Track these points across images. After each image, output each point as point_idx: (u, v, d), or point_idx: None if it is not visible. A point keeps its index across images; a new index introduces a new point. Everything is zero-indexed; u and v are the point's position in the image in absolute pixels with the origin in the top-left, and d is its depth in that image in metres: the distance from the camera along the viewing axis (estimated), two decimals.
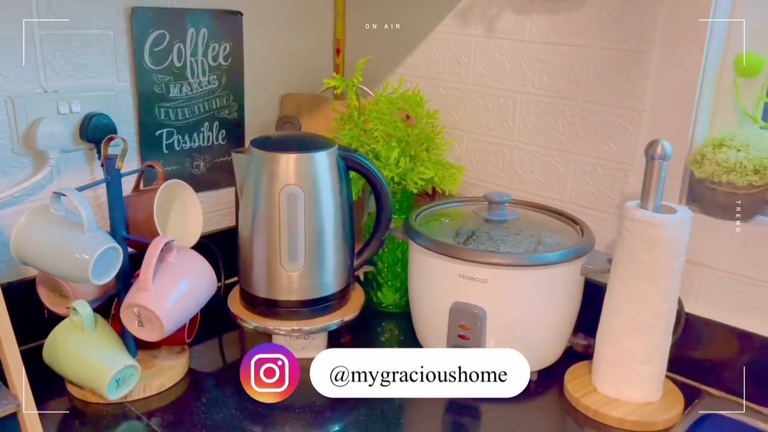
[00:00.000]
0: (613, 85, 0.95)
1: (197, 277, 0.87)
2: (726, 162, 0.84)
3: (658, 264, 0.80)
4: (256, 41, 1.15)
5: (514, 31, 1.04)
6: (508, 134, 1.09)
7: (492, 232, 0.91)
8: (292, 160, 0.87)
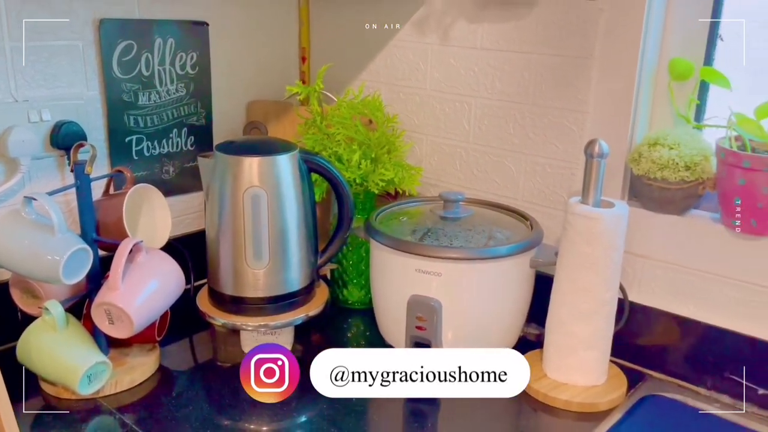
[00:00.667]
0: (559, 89, 1.01)
1: (166, 276, 0.91)
2: (660, 159, 0.90)
3: (598, 255, 0.86)
4: (222, 50, 1.20)
5: (467, 39, 1.10)
6: (465, 137, 1.15)
7: (446, 229, 0.96)
8: (255, 163, 0.91)
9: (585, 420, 0.88)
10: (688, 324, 0.94)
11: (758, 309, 0.88)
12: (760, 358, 0.88)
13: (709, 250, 0.91)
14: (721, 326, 0.91)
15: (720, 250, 0.90)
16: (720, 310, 0.91)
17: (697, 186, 0.90)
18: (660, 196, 0.92)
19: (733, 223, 0.87)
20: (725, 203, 0.87)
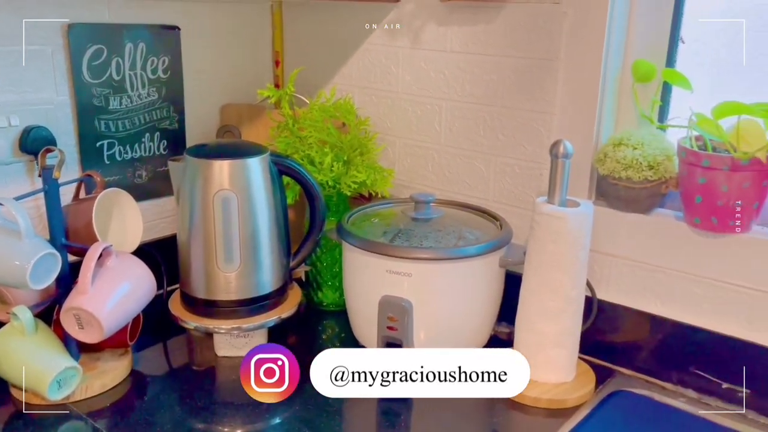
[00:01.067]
0: (527, 91, 1.03)
1: (136, 280, 0.91)
2: (624, 159, 0.92)
3: (565, 254, 0.87)
4: (195, 54, 1.20)
5: (436, 42, 1.11)
6: (436, 139, 1.16)
7: (417, 230, 0.97)
8: (225, 166, 0.92)
9: (554, 416, 0.89)
10: (655, 320, 0.96)
11: (720, 305, 0.90)
12: (723, 353, 0.90)
13: (673, 247, 0.93)
14: (686, 322, 0.93)
15: (683, 248, 0.92)
16: (685, 306, 0.93)
17: (661, 185, 0.92)
18: (625, 195, 0.94)
19: (695, 221, 0.89)
20: (687, 201, 0.89)
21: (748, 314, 0.88)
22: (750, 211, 0.86)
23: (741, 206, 0.85)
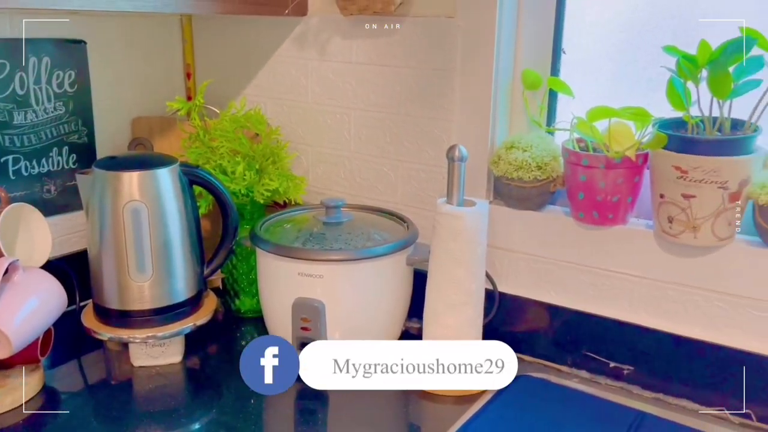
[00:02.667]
0: (427, 100, 1.09)
1: (45, 294, 0.91)
2: (515, 161, 1.00)
3: (463, 250, 0.94)
4: (104, 68, 1.20)
5: (342, 54, 1.16)
6: (346, 146, 1.21)
7: (328, 234, 1.02)
8: (135, 177, 0.93)
9: (462, 403, 0.95)
10: (550, 309, 1.04)
11: (605, 291, 0.99)
12: (609, 335, 0.99)
13: (563, 241, 1.01)
14: (576, 309, 1.01)
15: (571, 241, 1.01)
16: (575, 294, 1.02)
17: (549, 184, 1.00)
18: (518, 194, 1.02)
19: (579, 215, 0.98)
20: (572, 198, 0.98)
21: (629, 298, 0.98)
22: (625, 204, 0.95)
23: (617, 200, 0.94)
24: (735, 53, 0.82)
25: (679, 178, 0.85)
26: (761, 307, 0.88)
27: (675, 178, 0.86)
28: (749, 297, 0.88)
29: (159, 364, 1.02)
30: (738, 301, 0.89)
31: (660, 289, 0.95)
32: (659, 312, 0.95)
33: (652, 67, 0.97)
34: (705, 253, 0.90)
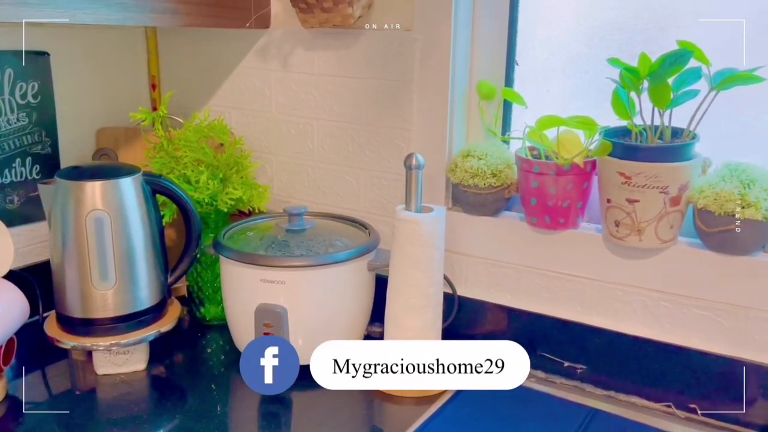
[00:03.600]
0: (387, 110, 1.13)
1: (6, 303, 0.92)
2: (471, 168, 1.03)
3: (421, 254, 0.97)
4: (67, 79, 1.21)
5: (305, 66, 1.19)
6: (310, 155, 1.24)
7: (290, 240, 1.04)
8: (97, 187, 0.94)
9: (420, 404, 0.97)
10: (507, 311, 1.07)
11: (558, 293, 1.03)
12: (562, 335, 1.03)
13: (518, 245, 1.05)
14: (532, 310, 1.05)
15: (526, 245, 1.04)
16: (529, 296, 1.06)
17: (504, 190, 1.04)
18: (474, 201, 1.05)
19: (533, 220, 1.02)
20: (525, 204, 1.02)
21: (581, 299, 1.02)
22: (576, 209, 0.99)
23: (568, 206, 0.98)
24: (673, 65, 0.87)
25: (624, 183, 0.90)
26: (702, 306, 0.92)
27: (620, 184, 0.90)
28: (691, 296, 0.93)
29: (123, 372, 1.03)
30: (681, 300, 0.94)
31: (609, 290, 0.99)
32: (609, 312, 1.00)
33: (600, 78, 1.01)
34: (650, 255, 0.94)
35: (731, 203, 0.85)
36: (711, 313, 0.92)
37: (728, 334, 0.91)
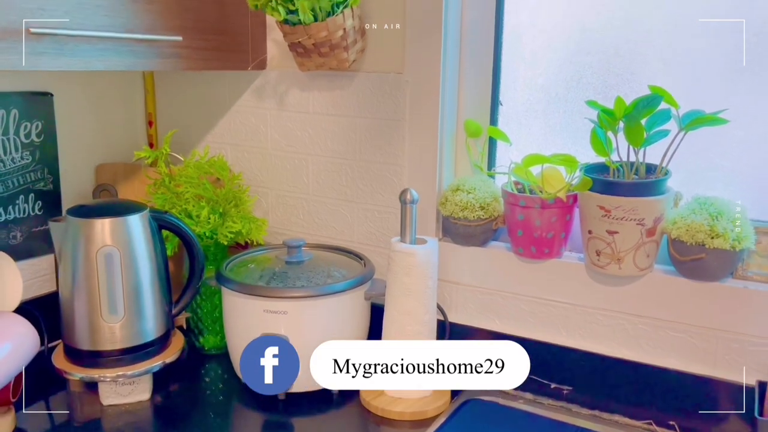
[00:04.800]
0: (380, 147, 1.19)
1: (18, 338, 0.95)
2: (461, 202, 1.10)
3: (416, 284, 1.03)
4: (69, 117, 1.25)
5: (300, 105, 1.25)
6: (305, 189, 1.29)
7: (290, 272, 1.09)
8: (107, 224, 0.99)
9: (416, 427, 1.02)
10: (496, 336, 1.13)
11: (544, 318, 1.10)
12: (548, 358, 1.09)
13: (505, 273, 1.12)
14: (519, 335, 1.11)
15: (512, 273, 1.11)
16: (517, 322, 1.12)
17: (491, 222, 1.11)
18: (464, 232, 1.12)
19: (519, 250, 1.08)
20: (512, 235, 1.09)
21: (565, 324, 1.08)
22: (559, 240, 1.06)
23: (552, 236, 1.05)
24: (646, 108, 0.96)
25: (604, 216, 0.97)
26: (678, 329, 1.00)
27: (600, 217, 0.97)
28: (667, 320, 1.00)
29: (128, 402, 1.06)
30: (658, 323, 1.01)
31: (591, 314, 1.06)
32: (592, 335, 1.06)
33: (578, 117, 1.10)
34: (629, 282, 1.01)
35: (701, 234, 0.93)
36: (686, 335, 0.99)
37: (702, 355, 0.98)
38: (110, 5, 0.94)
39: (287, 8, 1.04)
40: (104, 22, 0.94)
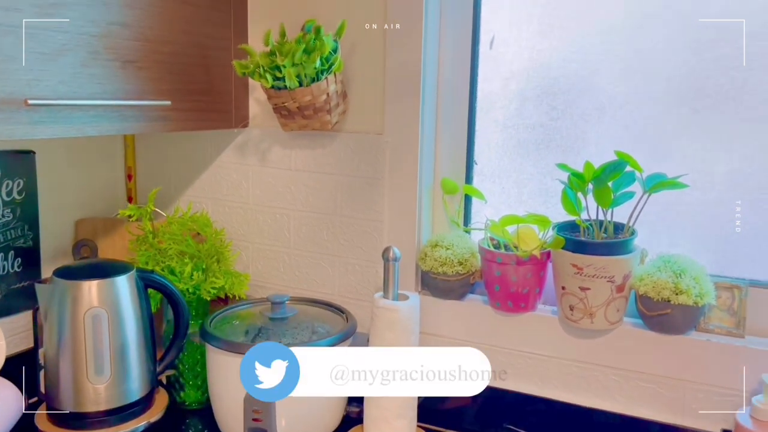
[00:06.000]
0: (361, 203, 1.23)
1: (4, 401, 0.94)
2: (440, 258, 1.15)
3: (399, 339, 1.06)
4: (50, 174, 1.26)
5: (282, 162, 1.29)
6: (286, 243, 1.32)
7: (275, 329, 1.11)
8: (95, 286, 1.00)
9: None
10: None
11: (520, 369, 1.14)
12: (525, 408, 1.13)
13: (483, 326, 1.16)
14: (496, 386, 1.15)
15: (490, 326, 1.16)
16: (495, 373, 1.16)
17: (469, 277, 1.16)
18: (443, 286, 1.16)
19: (496, 304, 1.13)
20: (489, 289, 1.14)
21: (540, 375, 1.13)
22: (534, 294, 1.12)
23: (527, 291, 1.10)
24: (613, 172, 1.03)
25: (576, 273, 1.03)
26: (647, 379, 1.05)
27: (573, 274, 1.03)
28: (637, 371, 1.06)
29: None
30: (628, 374, 1.06)
31: (566, 366, 1.11)
32: (566, 386, 1.11)
33: (547, 177, 1.16)
34: (600, 335, 1.07)
35: (667, 290, 0.99)
36: (655, 385, 1.05)
37: (670, 404, 1.04)
38: (103, 73, 0.97)
39: (274, 75, 1.09)
40: (97, 89, 0.96)
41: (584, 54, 1.12)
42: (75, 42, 0.92)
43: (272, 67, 1.09)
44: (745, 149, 1.04)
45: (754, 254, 1.05)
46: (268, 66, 1.09)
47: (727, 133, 1.04)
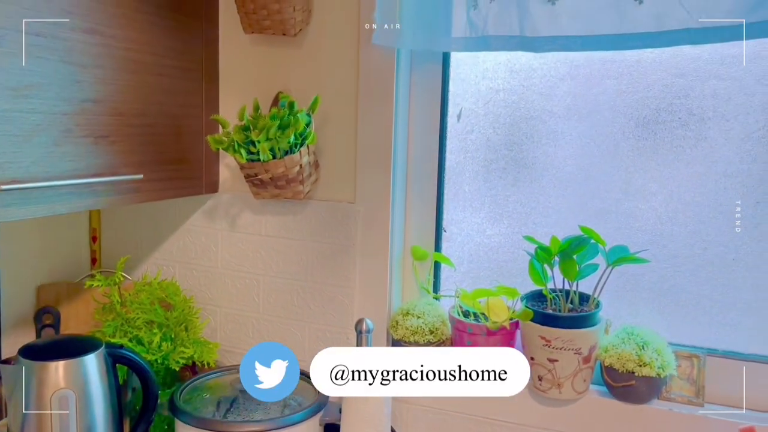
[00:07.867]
0: (331, 269, 1.24)
1: None
2: (411, 327, 1.16)
3: (372, 411, 1.06)
4: (11, 239, 1.23)
5: (252, 227, 1.29)
6: (255, 308, 1.32)
7: (246, 403, 1.10)
8: (62, 367, 0.97)
9: None
10: None
11: None
12: None
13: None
14: None
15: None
16: None
17: (440, 345, 1.18)
18: None
19: None
20: None
21: None
22: None
23: None
24: (578, 246, 1.07)
25: (545, 345, 1.06)
26: None
27: (541, 346, 1.06)
28: None
29: None
30: None
31: None
32: None
33: (514, 247, 1.20)
34: (568, 404, 1.10)
35: (631, 362, 1.03)
36: None
37: None
38: (75, 151, 0.96)
39: (248, 149, 1.10)
40: (69, 167, 0.95)
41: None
42: (48, 121, 0.92)
43: (246, 142, 1.10)
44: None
45: (710, 321, 1.10)
46: (243, 141, 1.10)
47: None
